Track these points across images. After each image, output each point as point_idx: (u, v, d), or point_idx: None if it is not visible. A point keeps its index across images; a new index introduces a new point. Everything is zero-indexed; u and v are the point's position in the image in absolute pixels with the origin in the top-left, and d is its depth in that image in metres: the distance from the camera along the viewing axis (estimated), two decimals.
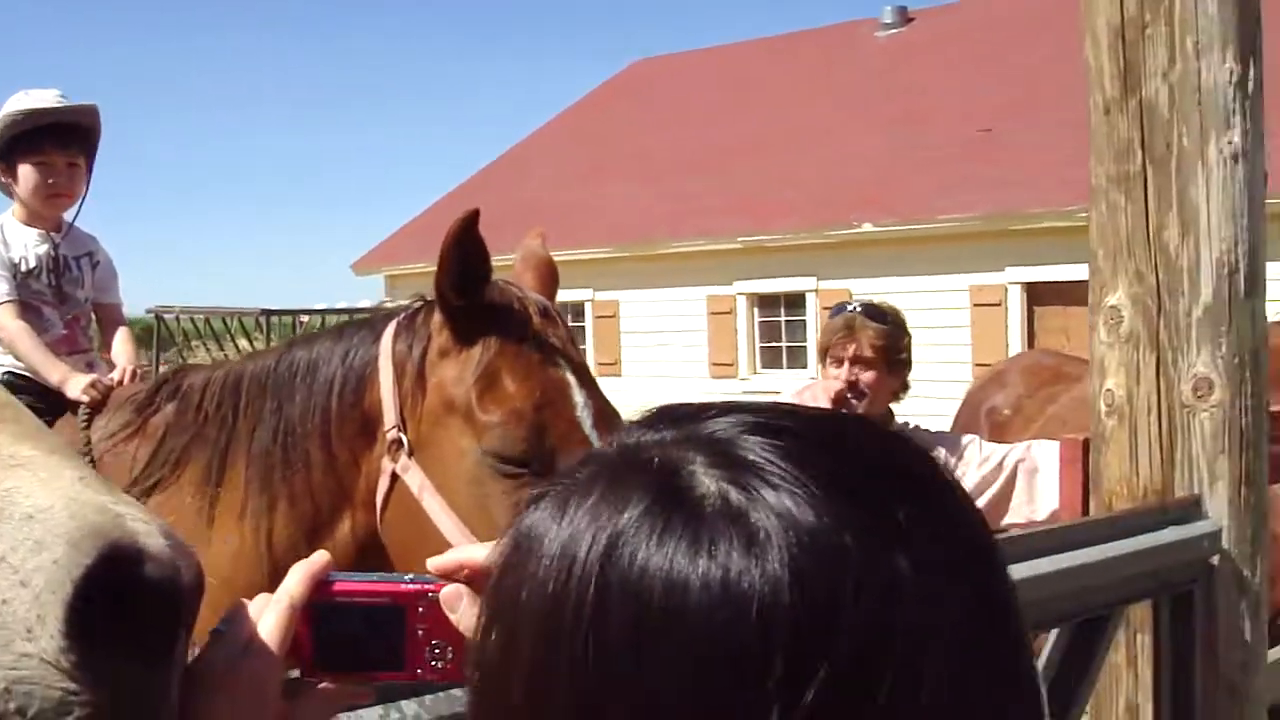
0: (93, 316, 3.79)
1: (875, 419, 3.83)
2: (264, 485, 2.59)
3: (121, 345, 3.70)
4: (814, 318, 15.29)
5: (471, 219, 2.35)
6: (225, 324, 8.43)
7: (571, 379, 2.46)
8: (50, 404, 3.11)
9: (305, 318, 8.44)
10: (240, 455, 2.62)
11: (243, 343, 8.44)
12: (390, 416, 2.51)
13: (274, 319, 8.18)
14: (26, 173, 3.54)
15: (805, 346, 15.87)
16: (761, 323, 16.71)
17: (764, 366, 16.65)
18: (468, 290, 2.41)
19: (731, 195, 16.92)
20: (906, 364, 3.82)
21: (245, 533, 2.61)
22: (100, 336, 3.92)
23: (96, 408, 3.02)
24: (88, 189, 3.76)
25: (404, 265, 20.57)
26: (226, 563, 2.61)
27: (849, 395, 3.75)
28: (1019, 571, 1.91)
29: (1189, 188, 2.39)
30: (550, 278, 2.78)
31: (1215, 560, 2.38)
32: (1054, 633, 2.13)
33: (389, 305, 2.63)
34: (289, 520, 2.59)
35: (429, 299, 2.61)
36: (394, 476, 2.47)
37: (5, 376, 3.37)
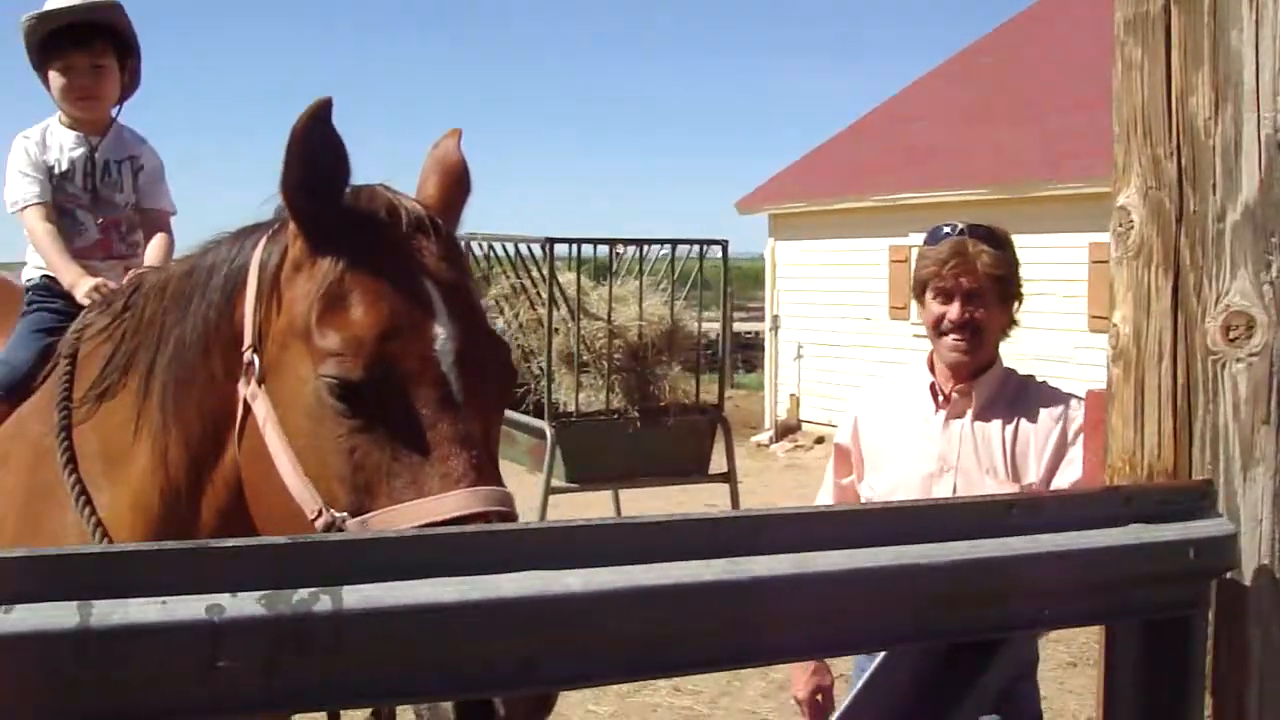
0: (136, 221, 3.61)
1: (984, 364, 3.16)
2: (162, 401, 2.41)
3: (152, 250, 3.53)
4: None
5: (322, 108, 2.03)
6: (518, 250, 8.44)
7: (437, 306, 2.06)
8: (79, 307, 3.06)
9: (590, 248, 8.26)
10: (157, 366, 2.45)
11: (532, 271, 8.42)
12: (248, 335, 2.24)
13: (558, 248, 8.07)
14: (53, 77, 3.46)
15: None
16: None
17: None
18: (320, 193, 2.09)
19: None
20: (1019, 296, 3.14)
21: (150, 450, 2.45)
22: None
23: None
24: (132, 89, 3.64)
25: (787, 204, 20.25)
26: (137, 480, 2.48)
27: (956, 337, 3.10)
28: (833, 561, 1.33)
29: (1229, 32, 1.62)
30: (456, 184, 2.39)
31: (1247, 580, 1.64)
32: (878, 659, 1.50)
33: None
34: (180, 440, 2.39)
35: None
36: (246, 404, 2.22)
37: (40, 279, 3.36)
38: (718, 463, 8.33)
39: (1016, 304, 3.20)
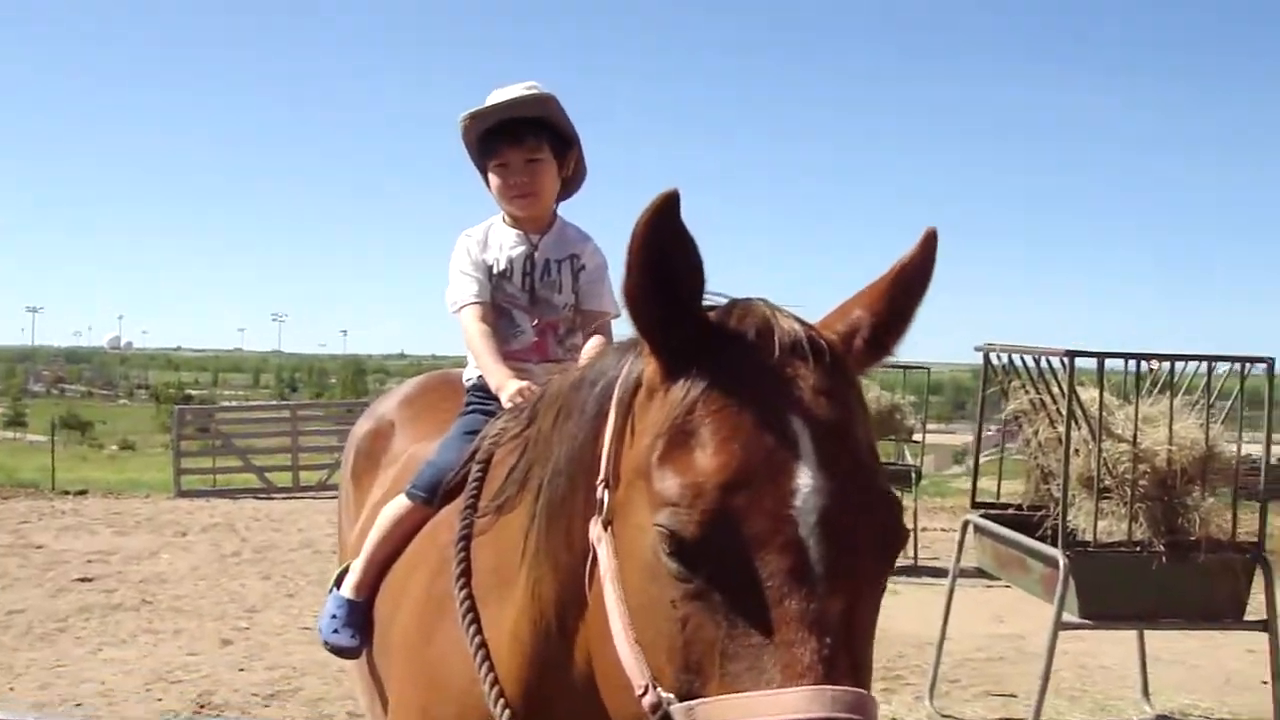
0: (575, 323, 3.49)
1: None
2: (539, 525, 2.26)
3: (587, 355, 3.21)
4: None
5: (667, 203, 1.74)
6: (1038, 363, 8.03)
7: (804, 451, 1.72)
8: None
9: (1127, 363, 7.70)
10: (543, 486, 2.29)
11: (1053, 386, 7.97)
12: (603, 466, 2.02)
13: (1081, 362, 7.58)
14: (491, 176, 3.45)
15: None
16: None
17: None
18: (669, 305, 1.82)
19: None
20: None
21: (526, 576, 2.31)
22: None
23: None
24: (576, 183, 3.56)
25: None
26: (518, 606, 2.35)
27: None
28: None
29: None
30: (893, 297, 1.94)
31: None
32: None
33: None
34: (550, 573, 2.22)
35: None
36: (593, 547, 2.01)
37: (478, 379, 3.37)
38: (1258, 608, 7.43)
39: None
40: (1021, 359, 8.17)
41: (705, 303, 1.91)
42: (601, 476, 2.00)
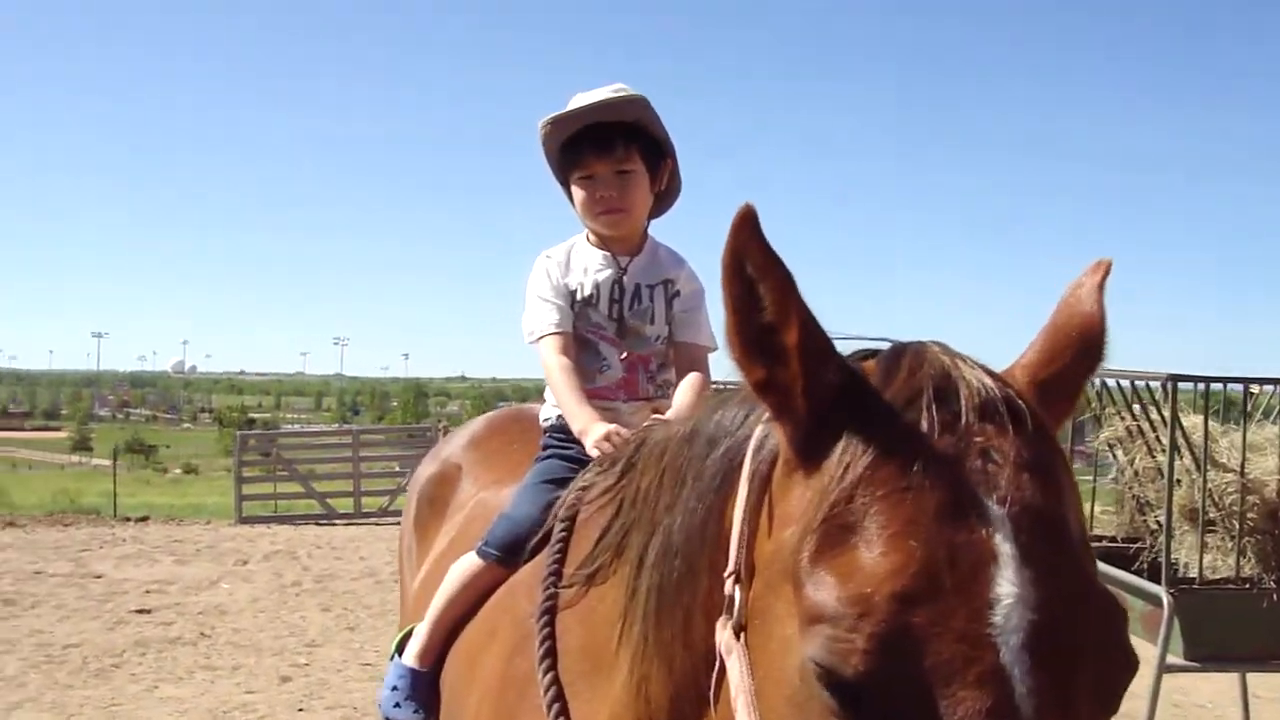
0: (667, 357, 3.10)
1: None
2: (645, 610, 1.89)
3: (682, 393, 2.91)
4: None
5: (746, 224, 1.42)
6: (1134, 387, 7.58)
7: (1003, 548, 1.31)
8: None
9: (1226, 387, 7.24)
10: (646, 559, 1.93)
11: (1152, 413, 7.52)
12: (732, 554, 1.63)
13: (1183, 386, 7.12)
14: (575, 190, 3.05)
15: None
16: None
17: None
18: (787, 353, 1.45)
19: None
20: None
21: (629, 669, 1.94)
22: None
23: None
24: (670, 198, 3.15)
25: None
26: (616, 701, 1.99)
27: None
28: None
29: None
30: (1076, 349, 1.55)
31: None
32: None
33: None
34: (662, 671, 1.85)
35: (867, 353, 1.59)
36: (721, 656, 1.63)
37: (557, 420, 3.00)
38: None
39: None
40: (1117, 382, 7.72)
41: (847, 346, 1.56)
42: (731, 568, 1.61)
